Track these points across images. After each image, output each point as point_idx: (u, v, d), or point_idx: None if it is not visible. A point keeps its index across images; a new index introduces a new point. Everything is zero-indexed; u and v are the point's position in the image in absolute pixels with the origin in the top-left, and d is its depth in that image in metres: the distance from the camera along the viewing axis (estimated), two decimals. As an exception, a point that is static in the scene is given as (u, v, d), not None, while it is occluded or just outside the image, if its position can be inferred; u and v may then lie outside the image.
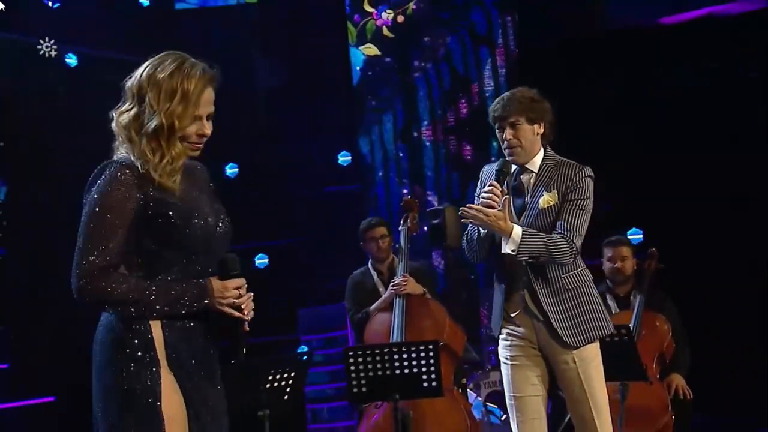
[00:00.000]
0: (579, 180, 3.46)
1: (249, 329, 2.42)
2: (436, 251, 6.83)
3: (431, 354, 4.17)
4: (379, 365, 4.19)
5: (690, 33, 6.53)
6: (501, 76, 7.03)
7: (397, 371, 4.17)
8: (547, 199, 3.45)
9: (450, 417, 4.67)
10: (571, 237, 3.39)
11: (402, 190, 7.02)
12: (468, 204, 3.43)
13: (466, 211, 3.38)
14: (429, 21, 7.21)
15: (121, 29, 6.59)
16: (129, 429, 2.31)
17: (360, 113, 7.27)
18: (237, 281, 2.38)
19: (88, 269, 2.30)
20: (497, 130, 3.55)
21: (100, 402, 2.36)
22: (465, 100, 7.11)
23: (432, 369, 4.17)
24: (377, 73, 7.22)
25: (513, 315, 3.50)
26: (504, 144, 3.51)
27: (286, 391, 4.23)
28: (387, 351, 4.21)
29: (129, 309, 2.32)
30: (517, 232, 3.36)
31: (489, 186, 3.41)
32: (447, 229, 4.91)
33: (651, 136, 6.41)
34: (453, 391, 4.79)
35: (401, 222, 5.06)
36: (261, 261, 7.33)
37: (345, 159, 7.38)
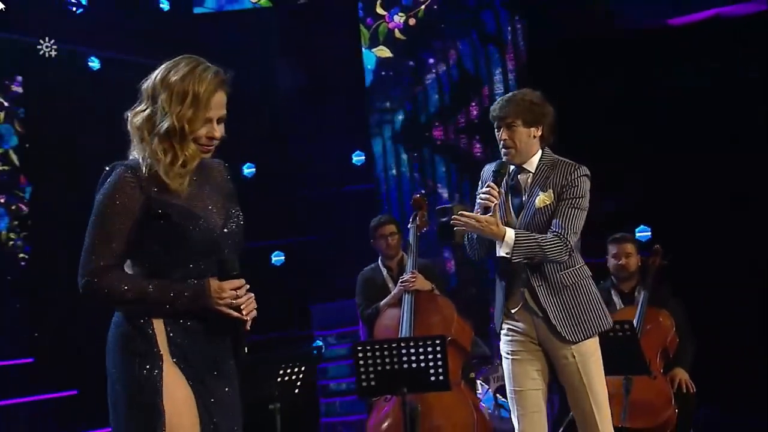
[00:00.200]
0: (574, 179, 3.47)
1: (249, 329, 2.42)
2: (447, 248, 6.88)
3: (438, 349, 4.18)
4: (388, 360, 4.19)
5: (693, 34, 6.50)
6: (510, 78, 7.05)
7: (405, 366, 4.17)
8: (543, 199, 3.46)
9: (457, 411, 4.70)
10: (566, 235, 3.39)
11: (414, 189, 7.02)
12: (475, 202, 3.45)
13: (457, 220, 3.40)
14: (440, 23, 7.24)
15: (142, 33, 6.67)
16: (130, 422, 2.35)
17: (372, 114, 7.32)
18: (235, 282, 2.39)
19: (91, 268, 2.36)
20: (495, 129, 3.58)
21: (110, 396, 2.42)
22: (475, 101, 7.14)
23: (439, 363, 4.17)
24: (389, 75, 7.27)
25: (513, 311, 3.52)
26: (500, 144, 3.55)
27: (296, 385, 4.30)
28: (395, 346, 4.22)
29: (130, 307, 2.38)
30: (510, 235, 3.37)
31: (486, 187, 3.45)
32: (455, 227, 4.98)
33: (651, 136, 6.40)
34: (461, 385, 4.81)
35: (410, 220, 5.11)
36: (277, 258, 7.42)
37: (359, 159, 7.43)
